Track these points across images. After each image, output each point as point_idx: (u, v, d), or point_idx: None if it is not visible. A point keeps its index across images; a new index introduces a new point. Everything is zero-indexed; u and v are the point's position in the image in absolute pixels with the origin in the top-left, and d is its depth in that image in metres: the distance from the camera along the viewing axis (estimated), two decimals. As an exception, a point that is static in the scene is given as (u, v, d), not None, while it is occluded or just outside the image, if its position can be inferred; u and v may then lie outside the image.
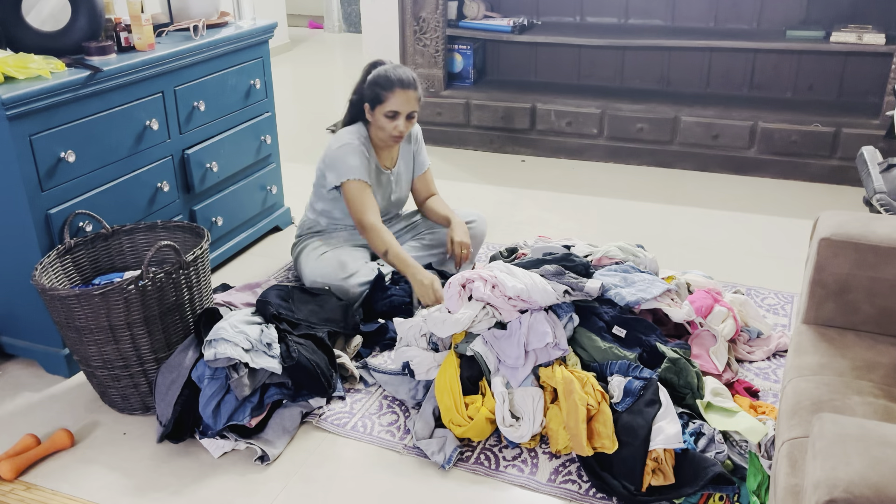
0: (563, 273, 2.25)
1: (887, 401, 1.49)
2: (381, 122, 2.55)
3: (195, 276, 2.14)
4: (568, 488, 1.87)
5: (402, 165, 2.76)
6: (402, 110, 2.52)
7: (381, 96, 2.51)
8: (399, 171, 2.75)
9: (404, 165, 2.77)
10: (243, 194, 3.01)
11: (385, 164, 2.70)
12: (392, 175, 2.72)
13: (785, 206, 3.51)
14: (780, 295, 2.74)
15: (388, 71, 2.53)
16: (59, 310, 2.00)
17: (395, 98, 2.50)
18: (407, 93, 2.51)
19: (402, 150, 2.76)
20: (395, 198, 2.78)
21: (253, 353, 2.00)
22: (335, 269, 2.54)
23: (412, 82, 2.52)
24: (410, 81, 2.52)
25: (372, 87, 2.53)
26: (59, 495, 1.88)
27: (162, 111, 2.52)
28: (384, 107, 2.51)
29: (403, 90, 2.50)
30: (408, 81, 2.51)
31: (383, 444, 2.03)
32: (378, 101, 2.52)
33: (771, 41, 3.80)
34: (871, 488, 1.02)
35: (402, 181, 2.78)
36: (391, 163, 2.72)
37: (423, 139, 2.84)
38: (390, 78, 2.50)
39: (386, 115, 2.52)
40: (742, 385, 2.17)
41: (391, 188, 2.74)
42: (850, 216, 1.79)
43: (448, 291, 2.18)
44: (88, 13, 2.38)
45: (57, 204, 2.19)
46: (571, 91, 4.29)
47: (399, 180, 2.77)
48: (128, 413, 2.16)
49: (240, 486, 1.90)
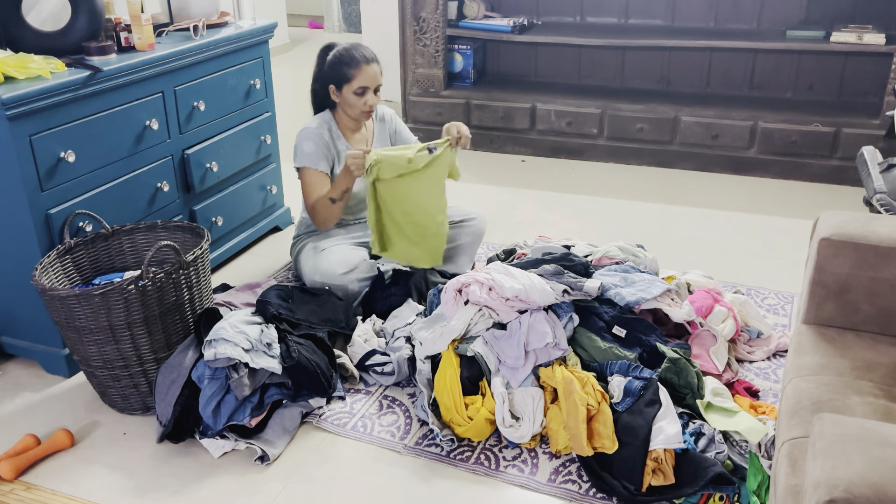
0: (561, 273, 2.25)
1: (887, 401, 1.50)
2: (350, 101, 2.57)
3: (195, 276, 2.14)
4: (568, 488, 1.87)
5: (379, 147, 2.73)
6: (370, 84, 2.55)
7: (347, 74, 2.54)
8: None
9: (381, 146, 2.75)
10: (243, 194, 3.01)
11: (357, 146, 2.68)
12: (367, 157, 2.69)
13: (785, 206, 3.51)
14: (780, 295, 2.74)
15: (348, 50, 2.56)
16: (59, 310, 2.00)
17: (363, 74, 2.53)
18: (372, 66, 2.55)
19: (377, 132, 2.76)
20: None
21: (253, 353, 2.00)
22: (334, 266, 2.54)
23: (374, 57, 2.58)
24: (373, 56, 2.57)
25: (336, 68, 2.56)
26: (59, 495, 1.88)
27: (162, 111, 2.52)
28: (352, 84, 2.54)
29: (368, 65, 2.54)
30: (370, 57, 2.56)
31: (383, 444, 2.03)
32: (345, 80, 2.55)
33: (771, 41, 3.80)
34: (871, 488, 1.02)
35: None
36: (366, 144, 2.71)
37: (398, 118, 2.84)
38: (354, 56, 2.54)
39: (355, 92, 2.55)
40: (742, 385, 2.17)
41: None
42: (850, 216, 1.79)
43: (444, 297, 2.18)
44: (88, 13, 2.38)
45: (57, 204, 2.19)
46: (571, 91, 4.29)
47: None
48: (128, 413, 2.16)
49: (240, 486, 1.90)
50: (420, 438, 2.04)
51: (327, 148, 2.61)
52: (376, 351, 2.27)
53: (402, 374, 2.23)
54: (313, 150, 2.57)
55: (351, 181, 2.50)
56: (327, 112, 2.68)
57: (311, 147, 2.57)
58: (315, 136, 2.59)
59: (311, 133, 2.59)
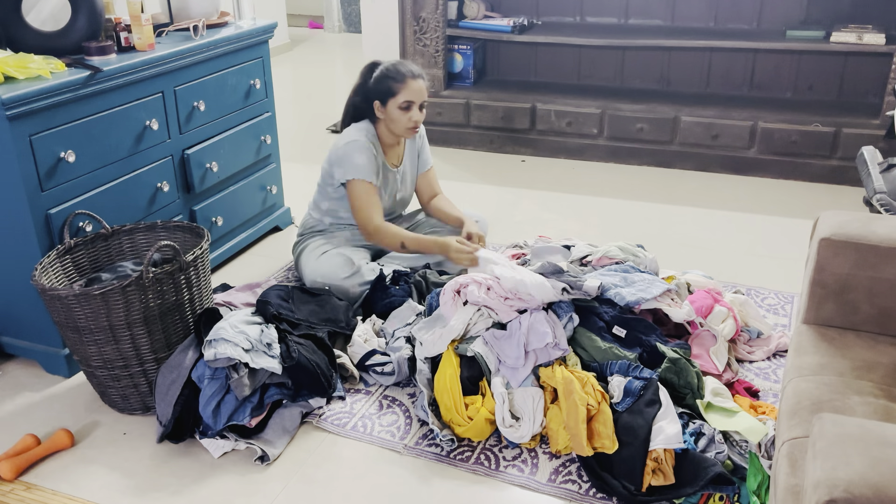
0: (561, 271, 2.25)
1: (887, 401, 1.49)
2: (394, 115, 2.57)
3: (195, 276, 2.14)
4: (568, 488, 1.87)
5: (408, 163, 2.77)
6: (416, 100, 2.56)
7: (393, 89, 2.54)
8: (405, 168, 2.75)
9: (409, 164, 2.78)
10: (243, 194, 3.01)
11: (392, 162, 2.71)
12: (398, 173, 2.73)
13: (785, 206, 3.51)
14: (780, 295, 2.74)
15: (395, 65, 2.58)
16: (59, 310, 2.00)
17: (408, 89, 2.54)
18: (418, 82, 2.56)
19: (408, 148, 2.77)
20: (400, 196, 2.78)
21: (253, 354, 2.00)
22: (336, 269, 2.54)
23: (421, 73, 2.59)
24: (419, 72, 2.59)
25: (382, 82, 2.56)
26: (59, 495, 1.88)
27: (162, 111, 2.52)
28: (398, 99, 2.54)
29: (414, 80, 2.55)
30: (417, 72, 2.58)
31: (383, 444, 2.03)
32: (390, 95, 2.55)
33: (771, 41, 3.80)
34: (871, 488, 1.02)
35: (407, 180, 2.79)
36: (398, 161, 2.73)
37: (425, 136, 2.86)
38: (400, 70, 2.56)
39: (400, 106, 2.55)
40: (742, 385, 2.17)
41: (397, 186, 2.75)
42: (850, 216, 1.79)
43: (443, 298, 2.18)
44: (88, 13, 2.38)
45: (57, 204, 2.19)
46: (571, 91, 4.29)
47: (405, 179, 2.77)
48: (128, 413, 2.16)
49: (240, 486, 1.90)
50: (420, 438, 2.04)
51: (375, 160, 2.61)
52: (376, 351, 2.27)
53: (402, 374, 2.22)
54: (366, 163, 2.57)
55: (432, 252, 2.57)
56: (369, 123, 2.66)
57: (364, 160, 2.57)
58: (367, 149, 2.58)
59: (364, 146, 2.58)
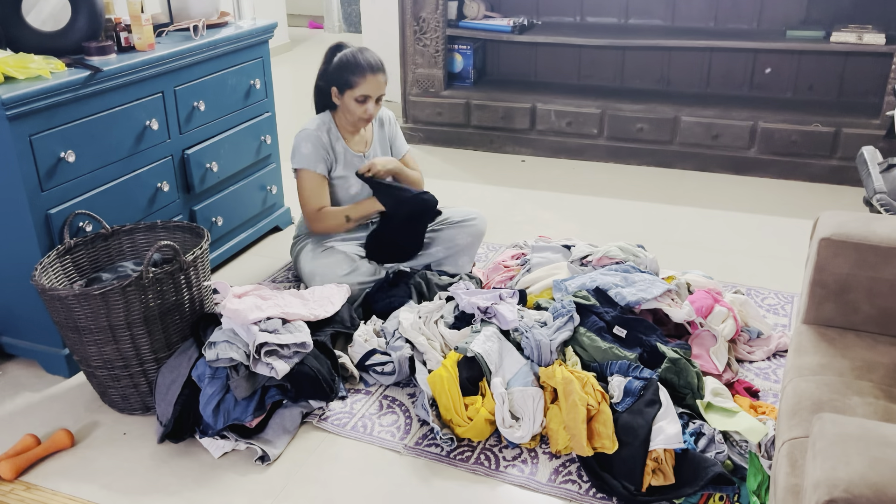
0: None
1: (887, 401, 1.50)
2: (350, 106, 2.56)
3: (195, 276, 2.14)
4: (568, 488, 1.87)
5: (379, 150, 2.75)
6: (373, 94, 2.54)
7: (350, 81, 2.52)
8: (375, 153, 2.73)
9: (381, 150, 2.76)
10: (243, 194, 3.01)
11: (356, 148, 2.68)
12: (366, 159, 2.70)
13: (785, 206, 3.51)
14: (780, 295, 2.74)
15: (355, 55, 2.53)
16: (59, 310, 2.00)
17: (366, 83, 2.51)
18: (377, 77, 2.52)
19: (377, 135, 2.75)
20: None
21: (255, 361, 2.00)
22: (334, 267, 2.54)
23: (381, 66, 2.55)
24: (379, 66, 2.54)
25: (340, 72, 2.53)
26: (59, 495, 1.88)
27: (162, 111, 2.52)
28: (354, 91, 2.52)
29: (374, 75, 2.52)
30: (377, 66, 2.53)
31: (383, 444, 2.03)
32: (348, 86, 2.53)
33: (771, 41, 3.80)
34: (871, 488, 1.02)
35: None
36: (364, 146, 2.71)
37: (397, 123, 2.84)
38: (360, 63, 2.51)
39: (357, 99, 2.53)
40: (742, 385, 2.17)
41: None
42: (850, 216, 1.79)
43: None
44: (88, 13, 2.38)
45: (57, 204, 2.19)
46: (571, 91, 4.29)
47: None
48: (128, 413, 2.16)
49: (240, 486, 1.90)
50: (420, 438, 2.04)
51: (326, 150, 2.60)
52: (376, 351, 2.27)
53: (402, 374, 2.22)
54: (311, 152, 2.57)
55: (376, 211, 2.54)
56: (327, 113, 2.67)
57: (310, 149, 2.57)
58: (314, 138, 2.58)
59: (310, 135, 2.58)
